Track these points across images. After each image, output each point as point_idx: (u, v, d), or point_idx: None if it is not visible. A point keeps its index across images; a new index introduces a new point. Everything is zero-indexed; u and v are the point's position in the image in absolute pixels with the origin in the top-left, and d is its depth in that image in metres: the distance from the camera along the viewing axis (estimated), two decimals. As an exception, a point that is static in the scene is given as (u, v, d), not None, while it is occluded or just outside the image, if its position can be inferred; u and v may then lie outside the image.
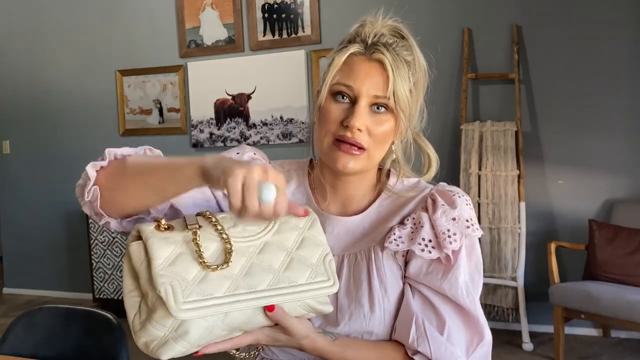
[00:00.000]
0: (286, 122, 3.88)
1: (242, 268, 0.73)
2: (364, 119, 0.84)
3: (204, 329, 0.71)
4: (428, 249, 0.85)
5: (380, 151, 0.89)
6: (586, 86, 3.31)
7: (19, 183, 4.65)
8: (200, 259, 0.71)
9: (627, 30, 3.24)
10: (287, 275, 0.75)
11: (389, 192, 0.94)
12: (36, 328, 1.50)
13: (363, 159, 0.87)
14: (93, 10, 4.37)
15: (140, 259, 0.73)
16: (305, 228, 0.80)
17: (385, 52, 0.84)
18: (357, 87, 0.85)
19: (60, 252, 4.53)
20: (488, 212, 3.32)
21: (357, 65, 0.86)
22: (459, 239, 0.85)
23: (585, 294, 2.77)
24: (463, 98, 3.45)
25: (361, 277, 0.87)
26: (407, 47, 0.87)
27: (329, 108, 0.87)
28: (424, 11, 3.52)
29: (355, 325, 0.85)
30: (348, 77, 0.86)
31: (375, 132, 0.85)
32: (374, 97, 0.85)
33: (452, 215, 0.86)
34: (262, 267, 0.75)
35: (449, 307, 0.85)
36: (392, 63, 0.84)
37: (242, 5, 3.98)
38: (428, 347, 0.82)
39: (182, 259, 0.71)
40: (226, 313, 0.71)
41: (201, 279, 0.71)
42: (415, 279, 0.87)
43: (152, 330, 0.71)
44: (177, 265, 0.71)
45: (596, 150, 3.31)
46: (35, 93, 4.56)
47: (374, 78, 0.84)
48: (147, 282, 0.72)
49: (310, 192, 0.97)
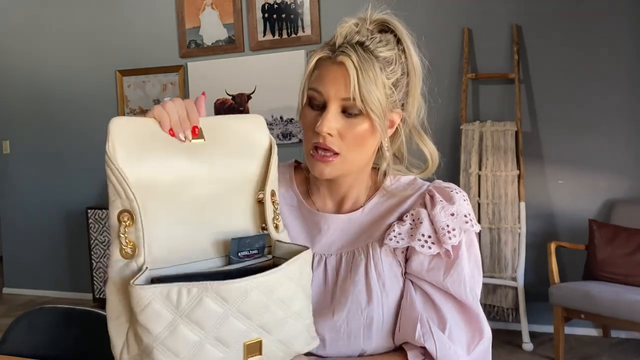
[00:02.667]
0: (286, 122, 3.88)
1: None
2: (332, 123, 0.84)
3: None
4: (428, 245, 0.85)
5: (358, 154, 0.88)
6: (586, 86, 3.31)
7: (19, 183, 4.65)
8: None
9: (627, 30, 3.24)
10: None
11: (385, 190, 0.94)
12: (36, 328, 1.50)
13: (338, 164, 0.87)
14: (93, 10, 4.37)
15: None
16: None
17: (350, 53, 0.83)
18: (325, 92, 0.84)
19: (60, 252, 4.53)
20: (488, 212, 3.32)
21: (324, 69, 0.85)
22: (458, 234, 0.85)
23: (585, 294, 2.77)
24: (463, 98, 3.45)
25: (359, 274, 0.88)
26: (388, 42, 0.86)
27: (305, 114, 0.88)
28: (424, 11, 3.52)
29: (353, 321, 0.85)
30: (318, 82, 0.86)
31: (347, 136, 0.85)
32: (342, 100, 0.84)
33: (450, 210, 0.87)
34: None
35: (451, 304, 0.85)
36: (356, 63, 0.82)
37: (242, 5, 3.98)
38: (434, 345, 0.82)
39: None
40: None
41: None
42: (417, 276, 0.87)
43: None
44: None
45: (596, 150, 3.31)
46: (35, 93, 4.56)
47: (340, 81, 0.83)
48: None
49: (299, 195, 0.98)
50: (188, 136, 0.74)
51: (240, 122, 0.81)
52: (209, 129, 0.77)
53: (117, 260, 0.70)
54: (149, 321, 0.65)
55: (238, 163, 0.79)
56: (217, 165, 0.76)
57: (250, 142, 0.80)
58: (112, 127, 0.70)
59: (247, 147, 0.80)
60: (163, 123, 0.73)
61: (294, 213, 0.96)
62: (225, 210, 0.78)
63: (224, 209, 0.78)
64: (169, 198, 0.73)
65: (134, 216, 0.69)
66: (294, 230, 0.94)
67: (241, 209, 0.80)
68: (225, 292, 0.67)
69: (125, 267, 0.70)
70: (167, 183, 0.73)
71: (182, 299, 0.66)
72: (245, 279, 0.69)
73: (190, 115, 0.75)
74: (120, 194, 0.69)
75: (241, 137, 0.79)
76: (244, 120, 0.81)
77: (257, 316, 0.71)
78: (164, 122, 0.73)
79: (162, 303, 0.66)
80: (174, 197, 0.74)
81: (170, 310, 0.66)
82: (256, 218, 0.80)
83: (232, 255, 0.76)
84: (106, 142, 0.69)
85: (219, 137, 0.77)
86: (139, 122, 0.73)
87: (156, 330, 0.66)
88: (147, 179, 0.71)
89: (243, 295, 0.69)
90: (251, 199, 0.80)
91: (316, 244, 0.93)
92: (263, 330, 0.72)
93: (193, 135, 0.75)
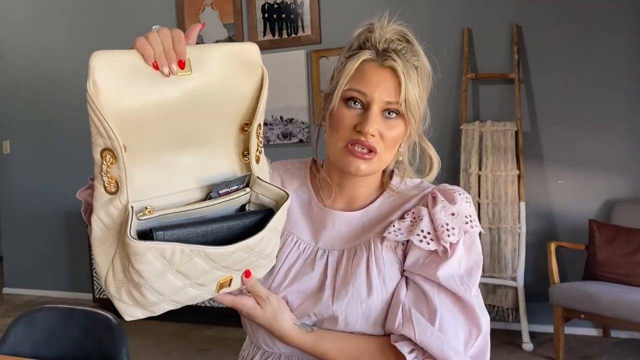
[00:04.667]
0: (286, 122, 3.88)
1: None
2: (377, 124, 0.87)
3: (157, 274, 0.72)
4: (427, 240, 0.86)
5: (390, 154, 0.91)
6: (586, 86, 3.31)
7: (19, 183, 4.65)
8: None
9: (627, 30, 3.25)
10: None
11: (392, 191, 0.96)
12: (36, 328, 1.50)
13: (375, 162, 0.89)
14: (93, 10, 4.37)
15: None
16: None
17: (396, 59, 0.86)
18: (370, 94, 0.87)
19: (60, 252, 4.53)
20: (488, 212, 3.32)
21: (369, 72, 0.87)
22: (457, 233, 0.86)
23: (585, 294, 2.77)
24: (463, 98, 3.45)
25: (360, 267, 0.89)
26: (415, 53, 0.89)
27: (342, 114, 0.89)
28: (424, 11, 3.52)
29: (352, 312, 0.86)
30: (360, 83, 0.87)
31: (387, 137, 0.88)
32: (386, 103, 0.87)
33: (451, 210, 0.88)
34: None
35: (443, 295, 0.84)
36: (403, 70, 0.86)
37: (242, 5, 3.98)
38: (412, 330, 0.81)
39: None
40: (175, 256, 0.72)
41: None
42: (411, 270, 0.87)
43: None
44: None
45: (596, 150, 3.31)
46: (35, 93, 4.56)
47: (386, 84, 0.86)
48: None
49: (312, 191, 1.00)
50: (173, 70, 0.70)
51: (234, 46, 0.77)
52: (197, 59, 0.73)
53: (101, 194, 0.72)
54: (142, 268, 0.71)
55: (227, 87, 0.76)
56: (204, 92, 0.74)
57: (243, 68, 0.77)
58: (93, 62, 0.69)
59: (241, 69, 0.77)
60: (146, 56, 0.70)
61: (304, 208, 0.99)
62: (208, 140, 0.79)
63: (208, 139, 0.79)
64: (153, 130, 0.73)
65: (115, 155, 0.69)
66: (300, 225, 0.97)
67: (225, 137, 0.81)
68: (214, 256, 0.75)
69: (109, 202, 0.72)
70: (151, 115, 0.71)
71: (175, 257, 0.72)
72: (233, 246, 0.75)
73: (177, 47, 0.71)
74: (102, 134, 0.69)
75: (233, 63, 0.76)
76: (239, 45, 0.77)
77: (236, 266, 0.80)
78: (148, 54, 0.70)
79: (156, 257, 0.70)
80: (158, 129, 0.73)
81: (162, 263, 0.72)
82: (239, 146, 0.82)
83: (213, 194, 0.80)
84: (87, 78, 0.68)
85: (207, 66, 0.74)
86: (121, 56, 0.71)
87: (147, 275, 0.72)
88: (130, 112, 0.70)
89: (229, 256, 0.76)
90: (235, 126, 0.80)
91: (320, 239, 0.95)
92: (236, 272, 0.82)
93: (180, 68, 0.71)
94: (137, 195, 0.73)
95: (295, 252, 0.94)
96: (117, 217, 0.72)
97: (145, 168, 0.74)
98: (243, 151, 0.83)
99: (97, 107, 0.68)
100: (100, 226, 0.73)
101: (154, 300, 0.75)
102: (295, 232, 0.97)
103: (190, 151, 0.78)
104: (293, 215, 0.97)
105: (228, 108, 0.78)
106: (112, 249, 0.74)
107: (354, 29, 0.92)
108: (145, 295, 0.74)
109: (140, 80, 0.70)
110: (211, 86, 0.74)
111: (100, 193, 0.72)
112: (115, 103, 0.69)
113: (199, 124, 0.77)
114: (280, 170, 1.03)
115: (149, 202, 0.74)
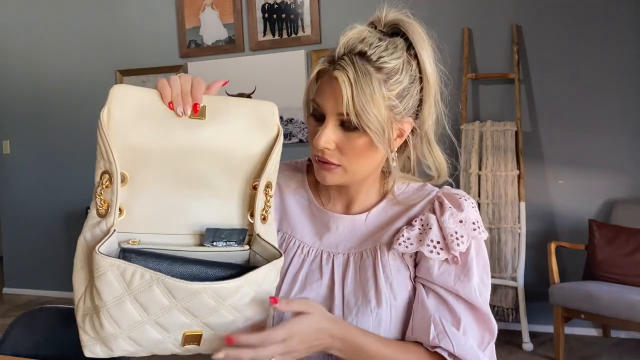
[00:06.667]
0: (286, 122, 3.88)
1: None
2: (329, 137, 0.83)
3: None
4: (437, 250, 0.86)
5: (360, 165, 0.86)
6: (586, 86, 3.31)
7: (19, 183, 4.65)
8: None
9: (627, 30, 3.24)
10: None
11: (393, 195, 0.93)
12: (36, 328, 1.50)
13: (339, 173, 0.87)
14: (93, 10, 4.37)
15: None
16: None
17: (347, 67, 0.80)
18: (323, 105, 0.83)
19: (60, 252, 4.52)
20: (488, 212, 3.32)
21: (323, 82, 0.84)
22: (466, 241, 0.86)
23: (585, 294, 2.77)
24: (463, 98, 3.45)
25: (367, 275, 0.88)
26: (395, 48, 0.83)
27: (309, 123, 0.88)
28: (424, 11, 3.51)
29: (362, 320, 0.85)
30: (318, 94, 0.85)
31: (346, 150, 0.84)
32: (338, 114, 0.82)
33: (459, 217, 0.87)
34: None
35: (463, 305, 0.85)
36: (352, 79, 0.79)
37: (242, 5, 3.98)
38: (450, 343, 0.82)
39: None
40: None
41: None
42: (428, 279, 0.87)
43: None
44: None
45: (596, 150, 3.31)
46: (35, 93, 4.56)
47: (336, 95, 0.81)
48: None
49: (310, 193, 0.98)
50: (186, 111, 0.72)
51: (254, 103, 0.79)
52: (214, 108, 0.75)
53: (93, 216, 0.74)
54: (102, 288, 0.69)
55: (242, 140, 0.77)
56: (217, 142, 0.75)
57: (259, 124, 0.78)
58: (113, 92, 0.72)
59: (255, 128, 0.77)
60: (164, 95, 0.73)
61: (304, 210, 0.97)
62: (213, 189, 0.78)
63: (213, 187, 0.78)
64: (159, 168, 0.74)
65: (112, 178, 0.72)
66: (302, 227, 0.95)
67: (230, 190, 0.79)
68: (174, 290, 0.70)
69: (96, 225, 0.74)
70: (160, 153, 0.73)
71: (135, 280, 0.69)
72: (196, 284, 0.70)
73: (194, 92, 0.73)
74: (104, 156, 0.72)
75: (250, 118, 0.77)
76: (259, 103, 0.79)
77: (204, 315, 0.73)
78: (165, 94, 0.73)
79: (116, 277, 0.69)
80: (165, 168, 0.75)
81: (121, 286, 0.70)
82: (245, 204, 0.80)
83: (206, 243, 0.76)
84: (103, 105, 0.71)
85: (223, 117, 0.76)
86: (139, 92, 0.73)
87: (106, 297, 0.70)
88: (140, 146, 0.72)
89: (192, 296, 0.70)
90: (245, 183, 0.79)
91: (324, 242, 0.93)
92: (207, 327, 0.74)
93: (193, 112, 0.73)
94: (130, 226, 0.74)
95: (299, 257, 0.93)
96: (99, 239, 0.72)
97: (145, 202, 0.75)
98: (249, 211, 0.80)
99: (103, 131, 0.71)
100: (84, 247, 0.74)
101: (110, 332, 0.71)
102: (296, 235, 0.95)
103: (194, 196, 0.77)
104: (294, 218, 0.96)
105: (237, 161, 0.77)
106: (90, 275, 0.73)
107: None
108: (103, 324, 0.71)
109: (154, 120, 0.73)
110: (224, 137, 0.75)
111: (92, 215, 0.74)
112: (126, 136, 0.72)
113: (206, 171, 0.76)
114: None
115: (139, 236, 0.75)
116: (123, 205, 0.74)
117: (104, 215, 0.73)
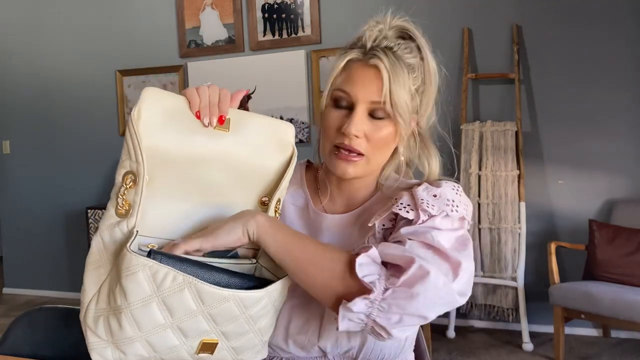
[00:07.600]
0: (286, 122, 3.88)
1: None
2: (360, 125, 0.84)
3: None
4: (406, 210, 0.83)
5: (380, 156, 0.89)
6: (586, 86, 3.31)
7: (19, 183, 4.65)
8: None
9: (627, 30, 3.24)
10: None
11: (384, 191, 0.94)
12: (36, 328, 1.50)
13: (362, 164, 0.87)
14: (93, 10, 4.37)
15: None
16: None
17: (382, 57, 0.83)
18: (354, 94, 0.84)
19: (60, 252, 4.52)
20: (488, 212, 3.32)
21: (354, 71, 0.85)
22: (436, 210, 0.81)
23: (585, 294, 2.77)
24: (463, 98, 3.45)
25: None
26: (412, 49, 0.87)
27: (329, 115, 0.88)
28: (424, 11, 3.51)
29: None
30: (346, 83, 0.86)
31: (373, 138, 0.85)
32: (371, 103, 0.84)
33: (433, 192, 0.84)
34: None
35: (417, 244, 0.78)
36: (388, 68, 0.83)
37: (242, 5, 3.98)
38: (374, 248, 0.76)
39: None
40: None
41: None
42: (395, 236, 0.83)
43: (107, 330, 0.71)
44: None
45: (596, 150, 3.31)
46: (35, 93, 4.56)
47: (371, 84, 0.84)
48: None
49: (308, 195, 0.98)
50: (212, 122, 0.75)
51: (274, 123, 0.82)
52: (238, 121, 0.78)
53: (111, 217, 0.73)
54: (129, 287, 0.68)
55: (260, 155, 0.80)
56: (236, 155, 0.78)
57: (276, 142, 0.81)
58: (144, 94, 0.73)
59: (273, 146, 0.81)
60: (192, 104, 0.75)
61: (299, 213, 0.97)
62: (228, 200, 0.79)
63: (228, 198, 0.79)
64: (178, 173, 0.75)
65: (137, 179, 0.72)
66: (296, 229, 0.94)
67: (242, 203, 0.81)
68: (204, 294, 0.69)
69: (115, 225, 0.73)
70: (180, 159, 0.75)
71: (166, 283, 0.68)
72: (227, 290, 0.70)
73: (221, 104, 0.76)
74: (131, 156, 0.72)
75: (269, 136, 0.80)
76: (278, 122, 0.83)
77: (224, 323, 0.73)
78: (194, 103, 0.75)
79: (147, 277, 0.68)
80: (183, 174, 0.76)
81: (151, 287, 0.68)
82: None
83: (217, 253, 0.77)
84: (135, 105, 0.72)
85: (244, 131, 0.78)
86: (170, 97, 0.75)
87: (132, 298, 0.68)
88: (162, 150, 0.73)
89: (220, 302, 0.71)
90: (255, 197, 0.81)
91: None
92: (223, 336, 0.75)
93: (219, 123, 0.76)
94: (143, 230, 0.74)
95: None
96: (119, 240, 0.72)
97: (160, 207, 0.75)
98: None
99: (134, 130, 0.71)
100: (99, 246, 0.74)
101: (129, 335, 0.70)
102: None
103: (206, 205, 0.78)
104: (292, 224, 0.96)
105: (253, 175, 0.80)
106: (104, 276, 0.73)
107: (353, 29, 0.91)
108: (123, 325, 0.69)
109: (181, 126, 0.74)
110: (243, 150, 0.78)
111: (110, 214, 0.73)
112: (152, 137, 0.72)
113: (223, 182, 0.78)
114: None
115: (150, 239, 0.75)
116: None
117: (124, 216, 0.73)
